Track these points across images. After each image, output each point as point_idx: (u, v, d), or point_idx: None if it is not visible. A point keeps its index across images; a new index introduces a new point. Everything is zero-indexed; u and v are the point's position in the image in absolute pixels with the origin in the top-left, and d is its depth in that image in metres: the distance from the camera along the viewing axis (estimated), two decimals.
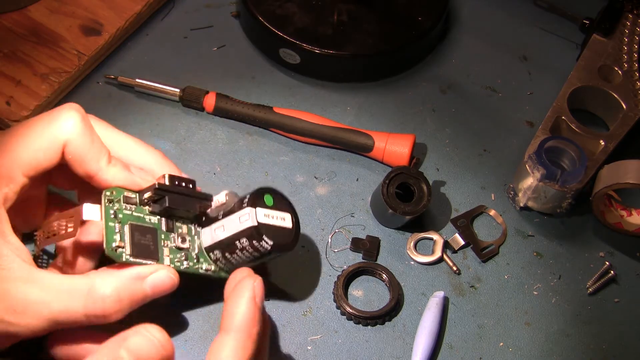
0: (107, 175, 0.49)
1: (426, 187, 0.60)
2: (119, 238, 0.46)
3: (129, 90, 0.68)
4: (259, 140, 0.66)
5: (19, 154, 0.47)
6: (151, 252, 0.48)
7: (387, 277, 0.58)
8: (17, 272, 0.44)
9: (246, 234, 0.49)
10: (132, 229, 0.47)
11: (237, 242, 0.50)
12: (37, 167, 0.48)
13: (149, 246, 0.47)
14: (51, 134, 0.48)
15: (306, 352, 0.55)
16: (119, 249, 0.46)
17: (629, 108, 0.67)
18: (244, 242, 0.49)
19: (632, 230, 0.63)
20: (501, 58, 0.75)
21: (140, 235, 0.47)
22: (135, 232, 0.47)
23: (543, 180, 0.60)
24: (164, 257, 0.49)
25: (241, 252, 0.50)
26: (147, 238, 0.48)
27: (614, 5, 0.71)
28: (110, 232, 0.46)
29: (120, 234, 0.46)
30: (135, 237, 0.47)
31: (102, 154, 0.49)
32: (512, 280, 0.60)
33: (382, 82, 0.72)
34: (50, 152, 0.48)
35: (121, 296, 0.45)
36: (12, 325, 0.44)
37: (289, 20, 0.70)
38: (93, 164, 0.48)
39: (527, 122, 0.70)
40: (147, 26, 0.73)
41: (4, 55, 0.66)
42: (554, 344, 0.57)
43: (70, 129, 0.48)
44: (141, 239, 0.47)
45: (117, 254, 0.46)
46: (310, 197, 0.63)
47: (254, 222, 0.49)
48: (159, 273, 0.47)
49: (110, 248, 0.45)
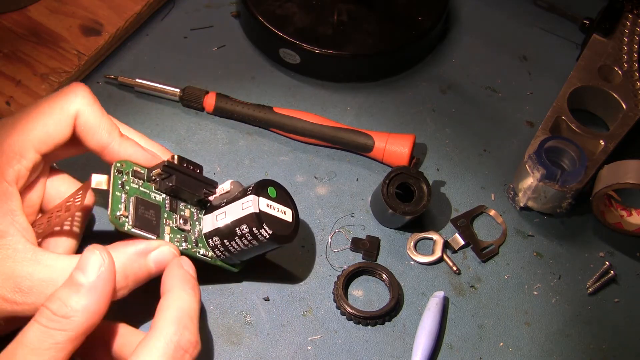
0: (120, 147, 0.50)
1: (426, 187, 0.60)
2: (123, 208, 0.47)
3: (129, 90, 0.68)
4: (259, 140, 0.66)
5: (30, 130, 0.48)
6: (153, 227, 0.49)
7: (387, 277, 0.58)
8: (22, 252, 0.45)
9: (247, 220, 0.50)
10: (136, 202, 0.48)
11: (237, 228, 0.51)
12: (49, 141, 0.48)
13: (151, 221, 0.49)
14: (61, 107, 0.49)
15: (306, 352, 0.55)
16: (122, 218, 0.47)
17: (629, 108, 0.67)
18: (244, 229, 0.50)
19: (632, 230, 0.63)
20: (501, 58, 0.75)
21: (144, 209, 0.49)
22: (140, 205, 0.49)
23: (543, 180, 0.60)
24: (165, 234, 0.50)
25: (240, 239, 0.51)
26: (150, 213, 0.49)
27: (614, 5, 0.71)
28: (116, 200, 0.47)
29: (125, 204, 0.48)
30: (139, 210, 0.48)
31: (114, 127, 0.50)
32: (512, 280, 0.60)
33: (382, 82, 0.72)
34: (62, 125, 0.49)
35: (127, 272, 0.46)
36: (18, 305, 0.44)
37: (289, 20, 0.70)
38: (105, 134, 0.50)
39: (527, 122, 0.70)
40: (147, 26, 0.73)
41: (4, 55, 0.66)
42: (554, 344, 0.57)
43: (80, 100, 0.49)
44: (145, 213, 0.49)
45: (120, 223, 0.47)
46: (310, 197, 0.63)
47: (256, 209, 0.50)
48: (162, 249, 0.48)
49: (114, 216, 0.47)
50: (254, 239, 0.51)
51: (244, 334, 0.55)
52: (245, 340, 0.55)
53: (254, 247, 0.51)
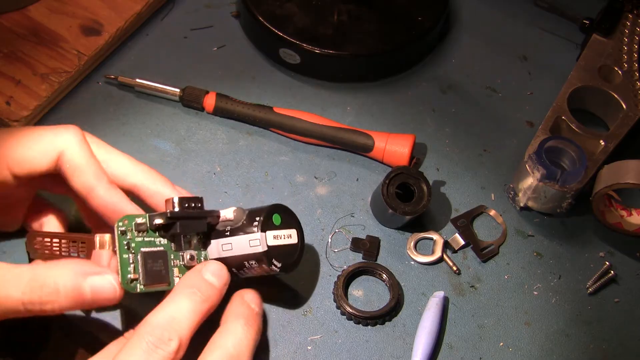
0: (105, 193, 0.48)
1: (426, 187, 0.60)
2: (132, 270, 0.46)
3: (129, 90, 0.68)
4: (259, 140, 0.66)
5: (11, 147, 0.48)
6: (162, 277, 0.48)
7: (387, 277, 0.58)
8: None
9: (255, 257, 0.50)
10: (144, 257, 0.47)
11: (245, 262, 0.50)
12: (25, 166, 0.48)
13: (160, 271, 0.48)
14: (48, 140, 0.48)
15: (306, 352, 0.55)
16: (133, 282, 0.46)
17: (629, 108, 0.67)
18: (253, 264, 0.50)
19: (632, 230, 0.63)
20: (501, 58, 0.75)
21: (152, 262, 0.48)
22: (148, 260, 0.47)
23: (543, 180, 0.60)
24: (174, 277, 0.49)
25: (249, 270, 0.51)
26: (159, 263, 0.48)
27: (614, 5, 0.71)
28: (124, 265, 0.46)
29: (134, 265, 0.47)
30: (148, 265, 0.47)
31: (101, 173, 0.49)
32: (512, 280, 0.60)
33: (382, 82, 0.72)
34: (43, 155, 0.48)
35: (60, 289, 0.44)
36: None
37: (289, 20, 0.70)
38: (90, 177, 0.48)
39: (527, 122, 0.70)
40: (147, 26, 0.73)
41: (4, 55, 0.66)
42: (554, 344, 0.57)
43: (70, 138, 0.49)
44: (154, 266, 0.48)
45: (132, 287, 0.46)
46: (310, 197, 0.63)
47: (264, 248, 0.50)
48: (103, 277, 0.45)
49: (125, 282, 0.46)
50: (263, 272, 0.51)
51: None
52: None
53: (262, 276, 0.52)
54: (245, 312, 0.48)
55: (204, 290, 0.46)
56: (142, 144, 0.65)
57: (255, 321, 0.48)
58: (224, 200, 0.62)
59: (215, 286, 0.47)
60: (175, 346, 0.43)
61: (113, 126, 0.65)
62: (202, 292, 0.46)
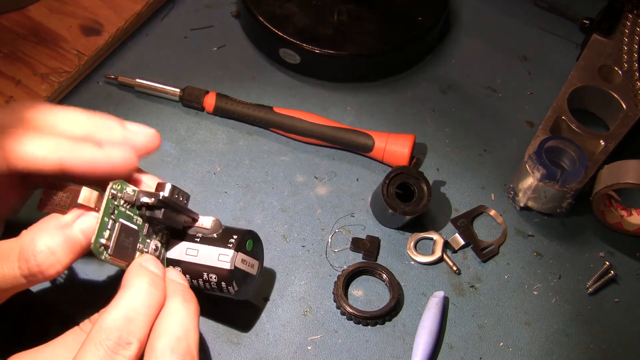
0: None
1: (426, 187, 0.60)
2: (107, 235, 0.45)
3: (129, 90, 0.68)
4: (259, 140, 0.66)
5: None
6: (127, 255, 0.47)
7: (387, 277, 0.58)
8: None
9: (218, 272, 0.49)
10: (121, 229, 0.46)
11: (205, 273, 0.49)
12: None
13: (127, 249, 0.47)
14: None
15: (306, 352, 0.55)
16: (102, 247, 0.45)
17: (629, 108, 0.67)
18: (212, 277, 0.49)
19: (632, 230, 0.63)
20: (501, 58, 0.75)
21: (125, 237, 0.47)
22: (123, 232, 0.46)
23: (543, 180, 0.60)
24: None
25: (203, 282, 0.50)
26: (129, 240, 0.47)
27: (614, 5, 0.71)
28: (102, 228, 0.45)
29: (110, 231, 0.45)
30: (121, 238, 0.46)
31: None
32: (512, 280, 0.60)
33: (382, 82, 0.72)
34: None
35: (53, 248, 0.43)
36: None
37: (289, 20, 0.70)
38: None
39: (527, 122, 0.70)
40: (147, 26, 0.73)
41: (4, 55, 0.66)
42: (554, 344, 0.57)
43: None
44: (124, 241, 0.46)
45: (100, 251, 0.45)
46: (310, 197, 0.63)
47: (232, 267, 0.49)
48: (85, 218, 0.44)
49: (96, 244, 0.44)
50: (218, 289, 0.50)
51: (244, 334, 0.55)
52: (246, 340, 0.55)
53: (210, 291, 0.50)
54: (178, 287, 0.46)
55: (158, 284, 0.44)
56: None
57: (190, 294, 0.46)
58: (224, 200, 0.62)
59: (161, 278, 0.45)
60: (136, 350, 0.41)
61: None
62: (157, 288, 0.44)
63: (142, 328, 0.42)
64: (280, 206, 0.62)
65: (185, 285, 0.47)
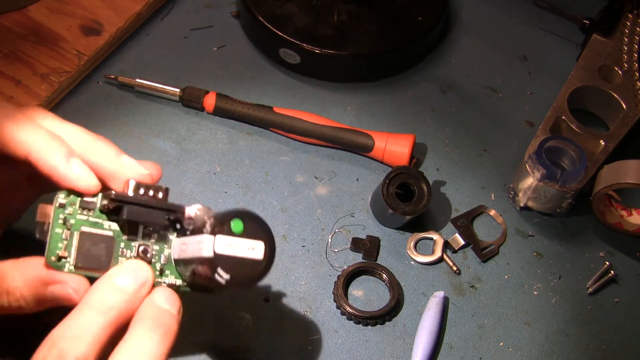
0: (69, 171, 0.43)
1: (426, 187, 0.60)
2: (63, 247, 0.42)
3: (129, 90, 0.68)
4: (259, 140, 0.66)
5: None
6: (101, 263, 0.43)
7: (387, 277, 0.58)
8: None
9: (200, 261, 0.44)
10: (81, 237, 0.43)
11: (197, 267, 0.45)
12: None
13: (99, 257, 0.43)
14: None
15: (306, 352, 0.55)
16: (62, 259, 0.42)
17: (629, 108, 0.67)
18: (201, 270, 0.44)
19: (632, 230, 0.63)
20: (501, 58, 0.75)
21: (91, 244, 0.43)
22: (86, 240, 0.43)
23: (543, 180, 0.60)
24: None
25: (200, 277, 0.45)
26: (100, 247, 0.43)
27: (614, 5, 0.71)
28: (55, 240, 0.42)
29: (68, 242, 0.42)
30: (85, 246, 0.43)
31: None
32: (512, 280, 0.60)
33: (382, 82, 0.72)
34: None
35: (25, 295, 0.41)
36: None
37: (289, 20, 0.70)
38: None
39: (527, 122, 0.70)
40: (147, 26, 0.73)
41: (4, 55, 0.66)
42: (554, 344, 0.57)
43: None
44: (91, 249, 0.43)
45: (59, 265, 0.42)
46: (310, 197, 0.63)
47: (210, 253, 0.43)
48: (61, 286, 0.41)
49: (50, 258, 0.41)
50: (211, 281, 0.44)
51: (244, 334, 0.55)
52: (246, 340, 0.55)
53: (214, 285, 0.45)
54: (151, 312, 0.41)
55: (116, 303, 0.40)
56: (142, 144, 0.65)
57: (166, 324, 0.40)
58: (224, 200, 0.62)
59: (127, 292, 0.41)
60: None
61: (113, 126, 0.65)
62: (116, 308, 0.40)
63: (86, 348, 0.38)
64: (280, 206, 0.62)
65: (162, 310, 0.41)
